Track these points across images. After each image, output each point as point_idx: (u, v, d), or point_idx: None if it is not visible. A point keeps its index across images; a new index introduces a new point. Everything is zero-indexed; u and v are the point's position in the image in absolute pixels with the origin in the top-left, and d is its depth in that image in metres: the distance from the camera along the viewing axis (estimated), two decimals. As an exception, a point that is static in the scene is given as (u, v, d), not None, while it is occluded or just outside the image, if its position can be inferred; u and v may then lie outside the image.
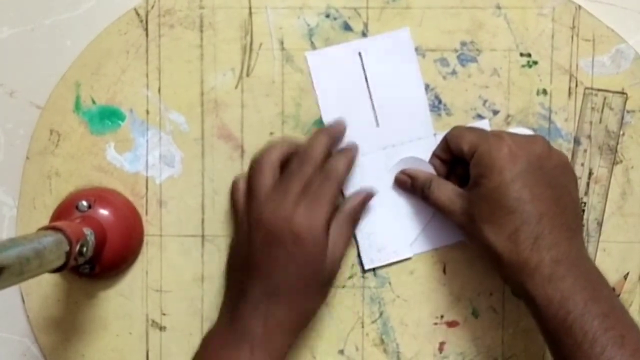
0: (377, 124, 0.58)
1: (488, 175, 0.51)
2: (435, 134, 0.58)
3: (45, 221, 0.57)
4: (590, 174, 0.59)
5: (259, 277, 0.53)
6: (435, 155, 0.58)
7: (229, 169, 0.59)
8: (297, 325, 0.54)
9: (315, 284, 0.54)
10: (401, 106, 0.58)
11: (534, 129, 0.58)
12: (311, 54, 0.58)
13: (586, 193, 0.59)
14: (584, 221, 0.59)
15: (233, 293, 0.56)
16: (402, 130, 0.59)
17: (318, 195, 0.53)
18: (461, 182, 0.56)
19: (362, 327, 0.60)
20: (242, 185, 0.56)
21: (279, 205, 0.52)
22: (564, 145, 0.59)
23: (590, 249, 0.59)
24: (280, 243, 0.52)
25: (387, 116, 0.58)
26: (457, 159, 0.56)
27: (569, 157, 0.58)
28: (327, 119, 0.58)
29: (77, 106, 0.59)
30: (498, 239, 0.51)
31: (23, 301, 0.59)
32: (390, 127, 0.58)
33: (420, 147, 0.59)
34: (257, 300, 0.52)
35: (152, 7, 0.58)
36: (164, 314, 0.59)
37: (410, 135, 0.59)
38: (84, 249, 0.50)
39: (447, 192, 0.55)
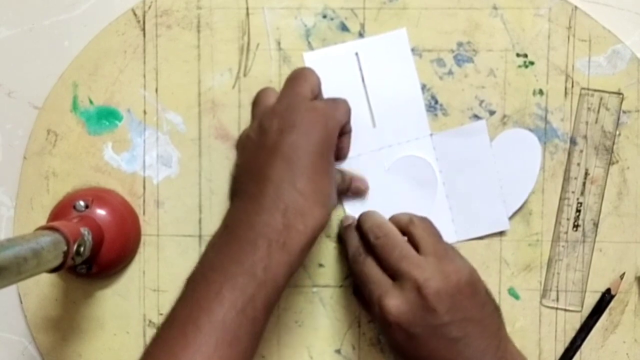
0: (374, 125, 0.59)
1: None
2: (431, 134, 0.59)
3: (42, 221, 0.57)
4: (586, 174, 0.59)
5: (280, 157, 0.50)
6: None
7: (226, 169, 0.59)
8: (312, 230, 0.49)
9: (331, 172, 0.52)
10: (398, 107, 0.59)
11: (530, 129, 0.58)
12: (308, 54, 0.58)
13: (582, 193, 0.59)
14: (581, 221, 0.59)
15: (248, 190, 0.51)
16: (399, 131, 0.59)
17: (335, 100, 0.54)
18: None
19: (359, 326, 0.60)
20: (272, 92, 0.56)
21: (296, 98, 0.53)
22: (560, 146, 0.59)
23: (587, 249, 0.59)
24: (298, 123, 0.50)
25: (383, 117, 0.59)
26: None
27: (565, 157, 0.59)
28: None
29: (75, 106, 0.59)
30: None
31: (20, 301, 0.60)
32: (386, 128, 0.59)
33: (416, 147, 0.59)
34: (278, 182, 0.49)
35: (150, 7, 0.58)
36: (161, 314, 0.59)
37: (406, 136, 0.59)
38: (82, 248, 0.50)
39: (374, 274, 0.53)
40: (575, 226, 0.59)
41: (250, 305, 0.46)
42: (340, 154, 0.58)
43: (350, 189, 0.58)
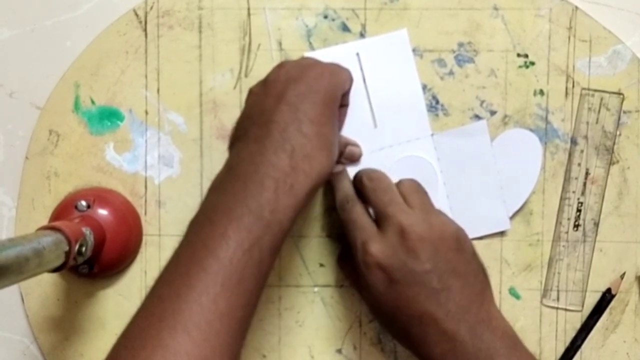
0: (375, 125, 0.59)
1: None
2: (432, 134, 0.59)
3: (44, 221, 0.57)
4: (587, 174, 0.59)
5: (285, 103, 0.49)
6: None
7: (228, 169, 0.59)
8: (318, 173, 0.48)
9: (335, 122, 0.51)
10: (399, 107, 0.59)
11: (531, 130, 0.59)
12: (310, 55, 0.58)
13: (583, 193, 0.59)
14: (581, 221, 0.59)
15: (252, 134, 0.49)
16: (400, 131, 0.59)
17: (339, 65, 0.54)
18: None
19: (360, 326, 0.60)
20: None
21: (302, 61, 0.54)
22: (560, 146, 0.59)
23: (587, 249, 0.59)
24: (304, 75, 0.50)
25: (384, 117, 0.59)
26: None
27: (566, 157, 0.59)
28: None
29: (77, 106, 0.59)
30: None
31: (22, 301, 0.60)
32: (388, 128, 0.59)
33: (417, 147, 0.59)
34: (284, 125, 0.48)
35: (151, 8, 0.59)
36: (162, 314, 0.59)
37: (408, 136, 0.59)
38: (83, 248, 0.50)
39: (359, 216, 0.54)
40: (576, 226, 0.59)
41: (256, 246, 0.45)
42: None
43: (344, 154, 0.57)
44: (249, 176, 0.47)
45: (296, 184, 0.47)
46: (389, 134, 0.59)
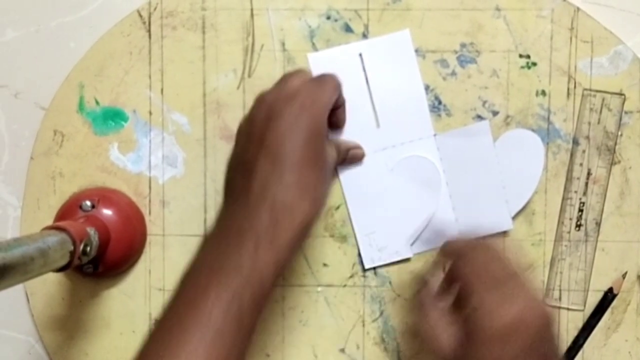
0: (378, 125, 0.59)
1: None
2: (435, 135, 0.59)
3: (49, 221, 0.58)
4: (588, 174, 0.59)
5: (265, 147, 0.48)
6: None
7: (231, 169, 0.59)
8: (300, 225, 0.47)
9: (320, 162, 0.50)
10: (401, 107, 0.59)
11: (533, 130, 0.59)
12: (313, 55, 0.59)
13: (585, 193, 0.59)
14: (583, 221, 0.59)
15: (237, 185, 0.50)
16: (403, 131, 0.59)
17: (320, 80, 0.52)
18: None
19: (363, 325, 0.60)
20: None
21: (284, 87, 0.52)
22: (562, 146, 0.59)
23: (589, 249, 0.59)
24: (284, 112, 0.49)
25: (387, 117, 0.59)
26: None
27: (568, 157, 0.59)
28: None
29: (81, 107, 0.59)
30: None
31: (27, 300, 0.60)
32: (390, 128, 0.59)
33: (420, 147, 0.59)
34: (265, 176, 0.47)
35: (155, 9, 0.59)
36: (166, 313, 0.60)
37: (410, 136, 0.59)
38: (88, 248, 0.51)
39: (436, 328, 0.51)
40: (578, 226, 0.59)
41: (235, 301, 0.45)
42: (337, 125, 0.58)
43: (347, 158, 0.57)
44: (232, 232, 0.47)
45: (277, 239, 0.47)
46: (392, 134, 0.59)
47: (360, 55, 0.59)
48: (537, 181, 0.59)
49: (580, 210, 0.59)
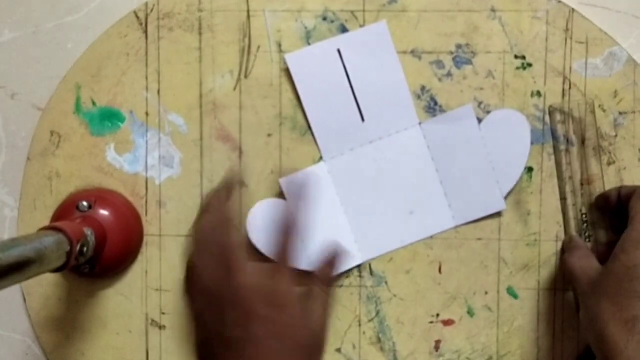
0: (363, 119, 0.59)
1: (629, 252, 0.50)
2: (420, 123, 0.59)
3: (45, 221, 0.58)
4: (583, 174, 0.59)
5: (235, 351, 0.42)
6: (596, 199, 0.58)
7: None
8: None
9: (300, 352, 0.44)
10: (384, 98, 0.59)
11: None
12: (290, 55, 0.58)
13: (580, 194, 0.59)
14: (578, 222, 0.59)
15: None
16: (388, 122, 0.59)
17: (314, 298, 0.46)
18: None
19: (359, 325, 0.60)
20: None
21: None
22: (557, 146, 0.59)
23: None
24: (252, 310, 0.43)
25: (371, 110, 0.59)
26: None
27: (562, 158, 0.59)
28: (313, 119, 0.59)
29: (78, 108, 0.59)
30: (612, 320, 0.48)
31: (24, 300, 0.60)
32: (375, 121, 0.59)
33: (407, 137, 0.59)
34: None
35: (152, 10, 0.59)
36: (163, 313, 0.60)
37: (396, 127, 0.59)
38: (84, 248, 0.51)
39: (580, 260, 0.54)
40: (584, 222, 0.59)
41: None
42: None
43: (330, 274, 0.48)
44: None
45: None
46: (377, 126, 0.59)
47: (339, 50, 0.59)
48: (526, 158, 0.59)
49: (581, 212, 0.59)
